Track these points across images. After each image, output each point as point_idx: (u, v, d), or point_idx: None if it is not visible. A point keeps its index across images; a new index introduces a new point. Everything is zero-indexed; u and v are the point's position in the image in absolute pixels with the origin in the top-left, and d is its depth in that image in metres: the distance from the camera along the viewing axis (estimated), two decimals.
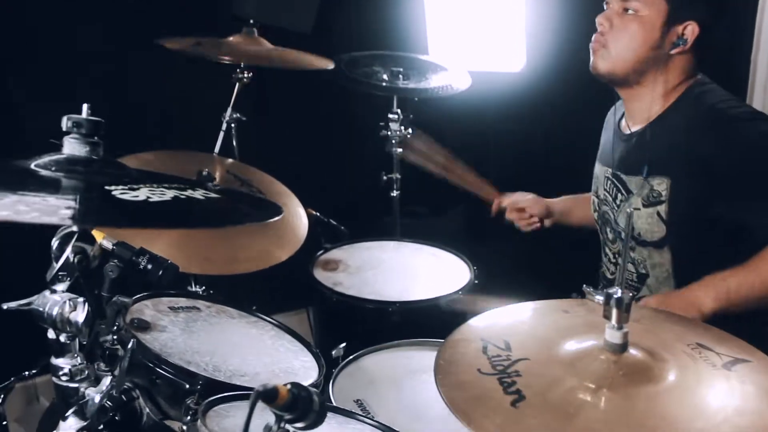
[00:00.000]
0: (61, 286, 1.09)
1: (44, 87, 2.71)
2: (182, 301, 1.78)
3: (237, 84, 2.69)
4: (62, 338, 1.10)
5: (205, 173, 2.32)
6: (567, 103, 3.15)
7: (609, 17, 1.80)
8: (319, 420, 1.00)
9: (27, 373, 2.27)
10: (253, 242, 2.14)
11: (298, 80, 2.82)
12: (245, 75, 2.67)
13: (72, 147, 1.04)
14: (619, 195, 1.86)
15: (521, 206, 2.34)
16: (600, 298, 1.09)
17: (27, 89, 2.74)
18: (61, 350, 1.10)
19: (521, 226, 2.36)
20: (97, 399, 1.11)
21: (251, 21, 2.64)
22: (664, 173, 1.75)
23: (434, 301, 2.26)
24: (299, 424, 0.97)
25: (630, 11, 1.77)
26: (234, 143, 2.74)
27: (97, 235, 1.17)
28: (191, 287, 2.50)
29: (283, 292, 2.93)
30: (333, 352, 1.89)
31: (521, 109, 3.35)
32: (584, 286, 1.14)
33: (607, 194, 1.91)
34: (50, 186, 0.94)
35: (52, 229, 1.15)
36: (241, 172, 2.49)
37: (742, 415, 1.01)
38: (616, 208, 1.88)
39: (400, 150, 2.93)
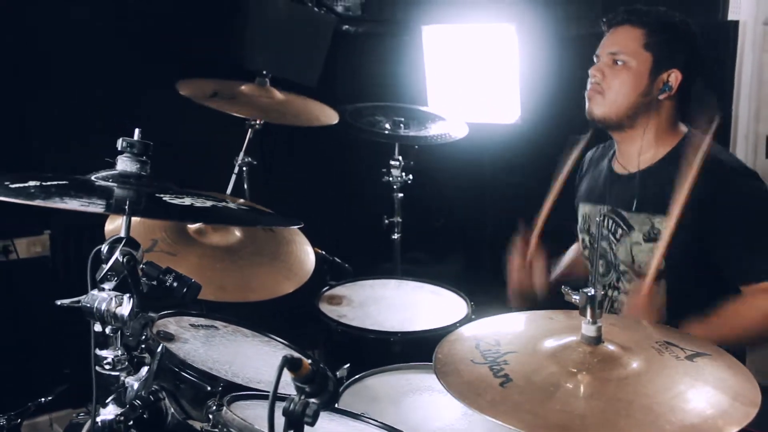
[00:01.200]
0: (108, 285, 1.25)
1: (44, 89, 2.88)
2: (202, 321, 1.93)
3: (249, 130, 2.86)
4: (107, 330, 1.25)
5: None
6: (560, 153, 3.31)
7: (601, 69, 2.00)
8: (332, 399, 1.15)
9: (43, 399, 2.40)
10: (264, 273, 2.30)
11: (306, 128, 2.99)
12: (257, 122, 2.85)
13: (124, 164, 1.22)
14: (620, 230, 2.02)
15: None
16: (576, 297, 1.25)
17: (28, 92, 2.89)
18: (105, 342, 1.26)
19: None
20: (135, 386, 1.26)
21: (264, 72, 2.83)
22: (664, 213, 1.90)
23: (434, 331, 2.38)
24: (316, 399, 1.11)
25: (619, 62, 1.97)
26: (245, 186, 2.91)
27: None
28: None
29: (290, 326, 3.05)
30: (337, 373, 2.02)
31: (516, 158, 3.48)
32: (563, 286, 1.30)
33: (603, 230, 2.07)
34: (107, 193, 1.11)
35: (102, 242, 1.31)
36: None
37: (700, 396, 1.17)
38: (615, 242, 2.03)
39: (400, 195, 3.07)
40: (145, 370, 1.27)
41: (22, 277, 2.93)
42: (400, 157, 3.07)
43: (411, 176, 3.10)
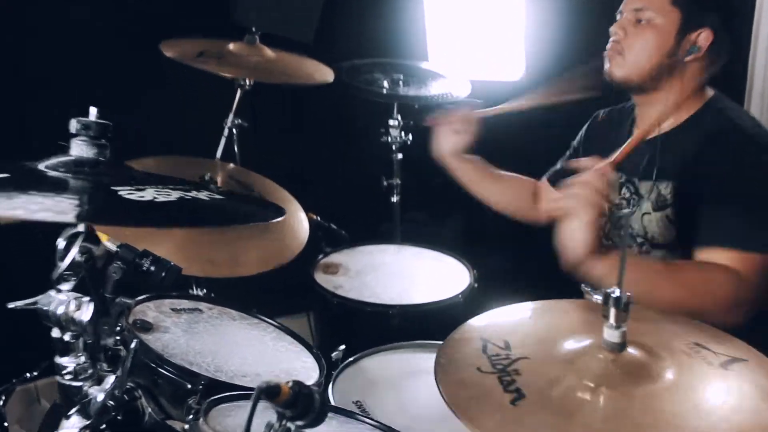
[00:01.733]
0: (66, 286, 1.11)
1: (44, 89, 2.73)
2: (184, 303, 1.80)
3: (239, 90, 2.70)
4: (66, 337, 1.11)
5: (207, 178, 2.34)
6: (566, 112, 3.16)
7: (623, 26, 1.82)
8: (319, 418, 1.01)
9: (28, 375, 2.29)
10: (254, 245, 2.16)
11: (299, 87, 2.83)
12: (247, 82, 2.69)
13: (80, 149, 1.06)
14: (632, 200, 1.89)
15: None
16: (598, 297, 1.10)
17: (28, 92, 2.75)
18: (66, 349, 1.12)
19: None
20: (100, 398, 1.12)
21: (253, 29, 2.66)
22: (668, 178, 1.78)
23: (434, 304, 2.28)
24: (300, 422, 0.98)
25: (643, 20, 1.79)
26: (236, 149, 2.76)
27: (102, 236, 1.18)
28: (192, 290, 2.53)
29: (283, 296, 2.94)
30: (332, 355, 1.90)
31: (520, 117, 3.36)
32: (582, 285, 1.15)
33: (622, 200, 1.94)
34: (59, 186, 0.95)
35: (57, 230, 1.16)
36: (243, 177, 2.51)
37: (738, 413, 1.03)
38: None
39: (400, 156, 2.95)
40: (111, 379, 1.13)
41: None
42: (399, 117, 2.93)
43: (411, 136, 2.97)
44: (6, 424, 2.04)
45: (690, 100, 1.84)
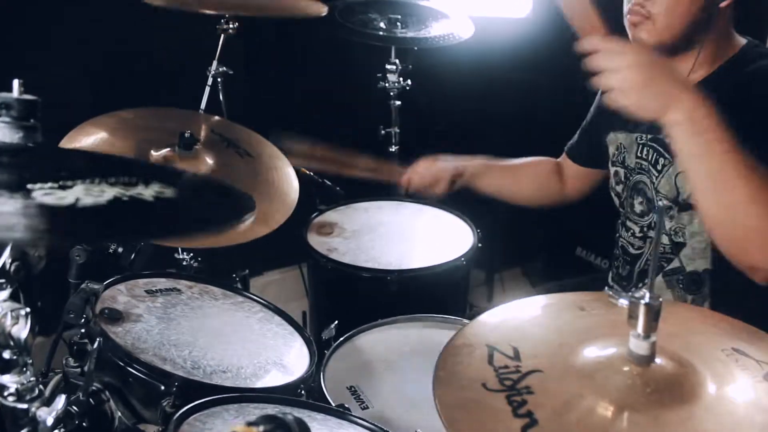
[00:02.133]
0: (1, 295, 0.95)
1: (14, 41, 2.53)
2: (161, 282, 1.63)
3: (222, 35, 2.51)
4: (6, 354, 0.95)
5: (187, 135, 2.15)
6: (575, 49, 2.97)
7: None
8: None
9: None
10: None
11: (289, 29, 2.65)
12: (231, 25, 2.49)
13: (1, 132, 0.88)
14: (662, 160, 1.70)
15: (429, 180, 2.19)
16: (624, 301, 0.94)
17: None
18: (6, 367, 0.96)
19: (430, 194, 2.23)
20: (49, 421, 0.97)
21: None
22: None
23: (434, 269, 2.14)
24: None
25: None
26: (221, 99, 2.59)
27: None
28: (178, 254, 2.38)
29: (277, 250, 2.80)
30: (323, 334, 1.76)
31: (527, 57, 3.19)
32: (606, 288, 0.99)
33: (642, 161, 1.75)
34: None
35: None
36: (227, 131, 2.32)
37: None
38: (656, 174, 1.72)
39: (398, 103, 2.80)
40: (62, 400, 0.98)
41: None
42: (397, 61, 2.77)
43: (410, 81, 2.81)
44: None
45: (724, 49, 1.64)
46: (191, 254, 2.39)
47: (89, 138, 1.94)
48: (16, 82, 0.90)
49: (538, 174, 2.20)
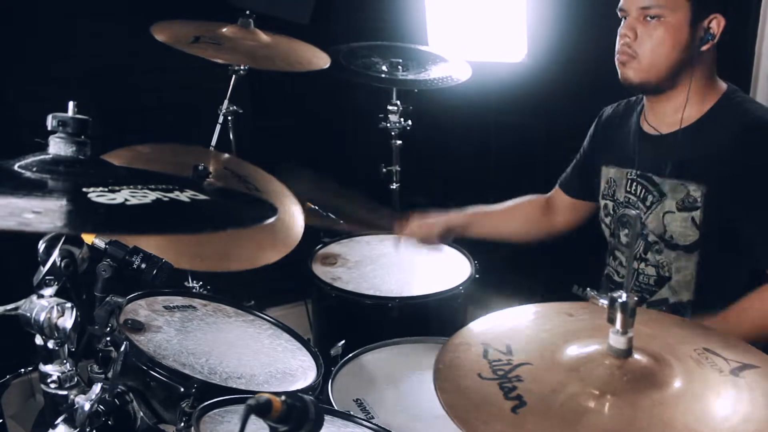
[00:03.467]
0: (48, 291, 1.06)
1: (36, 80, 2.67)
2: (178, 300, 1.75)
3: (233, 77, 2.64)
4: (50, 345, 1.06)
5: (201, 168, 2.28)
6: (569, 93, 3.10)
7: (632, 27, 1.72)
8: (315, 429, 0.97)
9: (23, 370, 2.26)
10: (246, 241, 2.09)
11: (295, 72, 2.78)
12: (242, 67, 2.63)
13: (57, 147, 1.00)
14: (650, 197, 1.81)
15: (421, 236, 2.32)
16: (604, 301, 1.06)
17: (19, 83, 2.69)
18: (50, 357, 1.07)
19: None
20: (87, 407, 1.07)
21: (247, 12, 2.59)
22: (700, 180, 1.71)
23: (434, 296, 2.23)
24: None
25: (653, 18, 1.70)
26: (231, 136, 2.71)
27: (87, 238, 1.13)
28: (188, 282, 2.48)
29: (281, 286, 2.89)
30: (331, 351, 1.86)
31: (523, 100, 3.29)
32: (588, 289, 1.11)
33: (630, 196, 1.87)
34: (25, 188, 0.89)
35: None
36: (238, 168, 2.44)
37: (750, 422, 0.98)
38: (645, 210, 1.83)
39: (399, 142, 2.90)
40: (98, 388, 1.09)
41: None
42: (399, 102, 2.87)
43: (410, 122, 2.91)
44: (2, 420, 2.00)
45: (707, 92, 1.77)
46: (200, 283, 2.49)
47: None
48: (71, 103, 1.03)
49: (526, 213, 2.28)
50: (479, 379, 1.05)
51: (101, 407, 1.29)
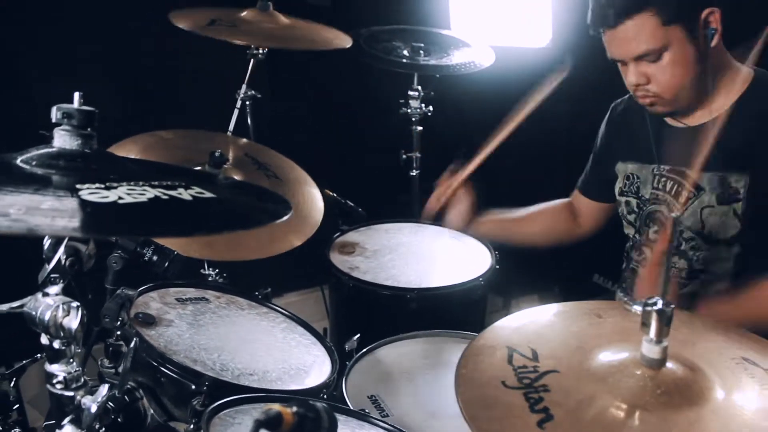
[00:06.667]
0: (54, 289, 1.02)
1: (53, 66, 2.63)
2: (190, 292, 1.71)
3: (252, 60, 2.60)
4: (56, 344, 1.02)
5: (217, 154, 2.23)
6: (594, 79, 3.03)
7: (641, 72, 1.68)
8: None
9: (40, 355, 2.24)
10: (262, 228, 2.04)
11: (315, 56, 2.73)
12: (260, 51, 2.58)
13: (62, 140, 0.96)
14: (684, 192, 1.76)
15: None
16: (638, 307, 1.00)
17: (35, 70, 2.65)
18: (55, 356, 1.03)
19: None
20: (93, 408, 1.04)
21: None
22: (742, 169, 1.66)
23: (453, 288, 2.18)
24: None
25: (654, 58, 1.65)
26: (249, 122, 2.66)
27: None
28: (204, 269, 2.45)
29: (298, 272, 2.85)
30: (346, 346, 1.81)
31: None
32: (618, 292, 1.05)
33: (659, 192, 1.81)
34: (15, 183, 0.84)
35: None
36: (257, 153, 2.39)
37: None
38: (678, 205, 1.76)
39: (419, 128, 2.85)
40: (105, 389, 1.05)
41: None
42: (420, 87, 2.82)
43: (431, 107, 2.86)
44: (19, 405, 1.99)
45: (734, 77, 1.70)
46: (216, 270, 2.45)
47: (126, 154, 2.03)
48: (76, 95, 0.98)
49: (548, 219, 2.24)
50: (504, 388, 1.00)
51: (111, 404, 1.26)
